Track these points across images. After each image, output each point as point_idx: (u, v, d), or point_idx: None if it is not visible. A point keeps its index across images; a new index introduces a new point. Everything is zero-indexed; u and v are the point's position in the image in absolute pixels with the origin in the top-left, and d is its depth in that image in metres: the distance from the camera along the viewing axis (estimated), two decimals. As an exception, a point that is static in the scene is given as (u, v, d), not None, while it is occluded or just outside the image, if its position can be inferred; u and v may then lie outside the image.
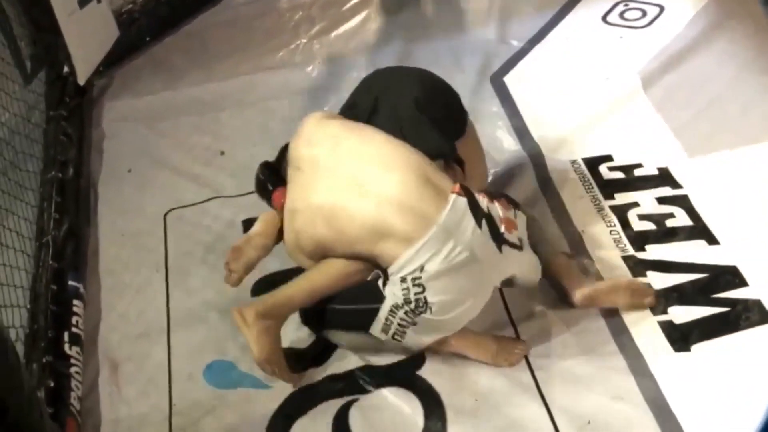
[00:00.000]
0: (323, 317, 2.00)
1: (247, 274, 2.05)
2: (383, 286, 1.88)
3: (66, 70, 3.08)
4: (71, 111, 3.01)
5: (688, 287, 2.08)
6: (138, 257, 2.50)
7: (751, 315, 1.99)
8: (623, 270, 2.16)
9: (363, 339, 1.99)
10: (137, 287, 2.40)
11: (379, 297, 1.89)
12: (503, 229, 1.90)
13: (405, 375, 2.00)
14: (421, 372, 2.00)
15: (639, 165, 2.48)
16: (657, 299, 2.05)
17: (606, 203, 2.37)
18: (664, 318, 2.02)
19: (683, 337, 1.97)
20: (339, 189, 1.93)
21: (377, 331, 1.92)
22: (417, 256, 1.82)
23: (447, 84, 2.21)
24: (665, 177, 2.42)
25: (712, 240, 2.20)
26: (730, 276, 2.09)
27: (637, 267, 2.16)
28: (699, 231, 2.23)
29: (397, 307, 1.87)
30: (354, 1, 3.51)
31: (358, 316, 1.95)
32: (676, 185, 2.39)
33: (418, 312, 1.86)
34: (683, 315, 2.02)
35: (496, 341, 2.02)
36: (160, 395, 2.09)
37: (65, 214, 2.56)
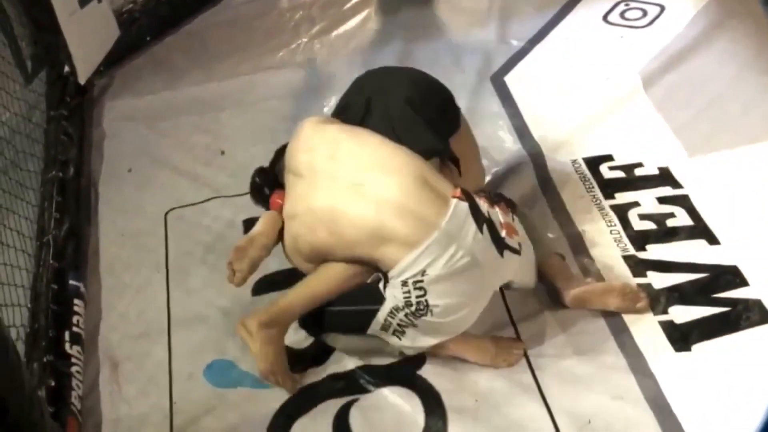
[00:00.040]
0: (321, 320, 2.00)
1: (252, 273, 2.05)
2: (383, 288, 1.88)
3: (67, 69, 3.08)
4: (72, 110, 3.01)
5: (688, 287, 2.08)
6: (138, 257, 2.50)
7: (752, 315, 1.99)
8: (624, 270, 2.16)
9: (361, 342, 1.99)
10: (138, 287, 2.40)
11: (378, 299, 1.89)
12: (504, 234, 1.90)
13: (405, 374, 2.00)
14: (422, 372, 2.00)
15: (639, 164, 2.48)
16: (649, 304, 2.05)
17: (606, 203, 2.37)
18: (664, 318, 2.02)
19: (684, 337, 1.97)
20: (339, 193, 1.92)
21: (375, 331, 1.92)
22: (418, 260, 1.82)
23: (438, 82, 2.21)
24: (666, 177, 2.42)
25: (712, 240, 2.20)
26: (730, 276, 2.09)
27: (638, 267, 2.16)
28: (699, 231, 2.23)
29: (398, 309, 1.87)
30: (354, 1, 3.52)
31: (356, 317, 1.94)
32: (676, 185, 2.39)
33: (418, 315, 1.86)
34: (684, 315, 2.02)
35: (494, 343, 2.02)
36: (160, 394, 2.09)
37: (66, 213, 2.56)
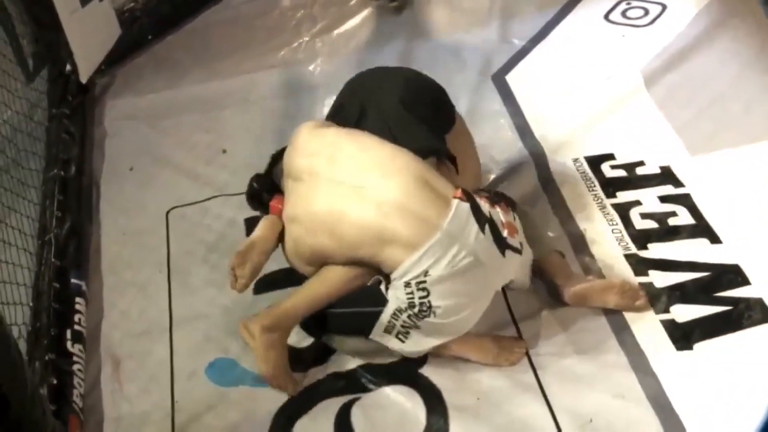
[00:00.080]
0: (323, 322, 2.00)
1: (254, 278, 2.05)
2: (386, 290, 1.88)
3: (68, 68, 3.08)
4: (73, 109, 3.01)
5: (690, 286, 2.08)
6: (140, 255, 2.50)
7: (753, 314, 1.99)
8: (625, 268, 2.16)
9: (363, 344, 1.99)
10: (139, 285, 2.40)
11: (380, 300, 1.89)
12: (506, 234, 1.90)
13: (407, 373, 2.00)
14: (423, 370, 2.00)
15: (641, 163, 2.48)
16: (649, 302, 2.05)
17: (608, 201, 2.37)
18: (666, 316, 2.02)
19: (685, 336, 1.97)
20: (339, 196, 1.92)
21: (379, 333, 1.92)
22: (421, 261, 1.83)
23: (431, 79, 2.21)
24: (667, 175, 2.42)
25: (714, 239, 2.20)
26: (732, 275, 2.09)
27: (639, 265, 2.16)
28: (701, 229, 2.23)
29: (401, 311, 1.87)
30: (355, 0, 3.51)
31: (358, 319, 1.94)
32: (678, 184, 2.39)
33: (422, 316, 1.86)
34: (685, 313, 2.02)
35: (496, 342, 2.02)
36: (162, 393, 2.09)
37: (67, 212, 2.56)
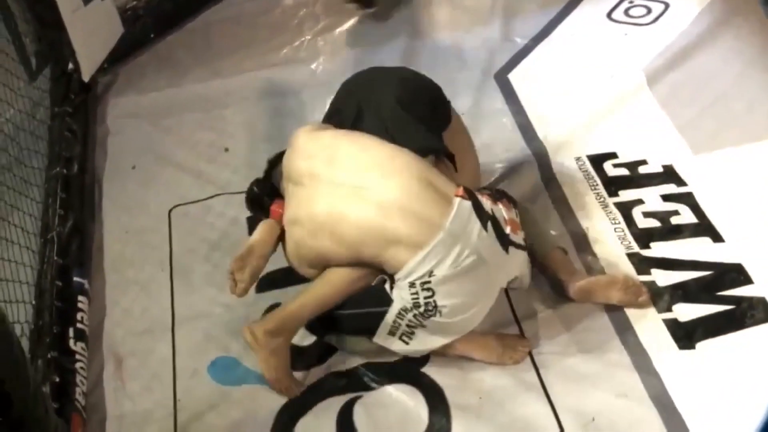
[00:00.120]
0: (327, 322, 2.00)
1: (254, 283, 2.05)
2: (390, 290, 1.88)
3: (71, 66, 3.08)
4: (76, 107, 3.01)
5: (692, 285, 2.08)
6: (142, 253, 2.50)
7: (756, 313, 1.98)
8: (628, 267, 2.16)
9: (365, 343, 1.99)
10: (142, 283, 2.41)
11: (385, 301, 1.89)
12: (508, 230, 1.90)
13: (409, 372, 2.00)
14: (425, 369, 2.00)
15: (644, 162, 2.48)
16: (651, 298, 2.05)
17: (610, 200, 2.37)
18: (668, 316, 2.02)
19: (688, 335, 1.97)
20: (340, 198, 1.92)
21: (383, 335, 1.92)
22: (425, 261, 1.83)
23: (427, 78, 2.21)
24: (670, 174, 2.42)
25: (717, 237, 2.20)
26: (734, 274, 2.08)
27: (642, 264, 2.16)
28: (704, 228, 2.23)
29: (406, 311, 1.87)
30: (358, -2, 3.51)
31: (363, 319, 1.94)
32: (681, 182, 2.39)
33: (427, 315, 1.86)
34: (688, 312, 2.02)
35: (500, 341, 2.02)
36: (164, 391, 2.09)
37: (70, 210, 2.56)
